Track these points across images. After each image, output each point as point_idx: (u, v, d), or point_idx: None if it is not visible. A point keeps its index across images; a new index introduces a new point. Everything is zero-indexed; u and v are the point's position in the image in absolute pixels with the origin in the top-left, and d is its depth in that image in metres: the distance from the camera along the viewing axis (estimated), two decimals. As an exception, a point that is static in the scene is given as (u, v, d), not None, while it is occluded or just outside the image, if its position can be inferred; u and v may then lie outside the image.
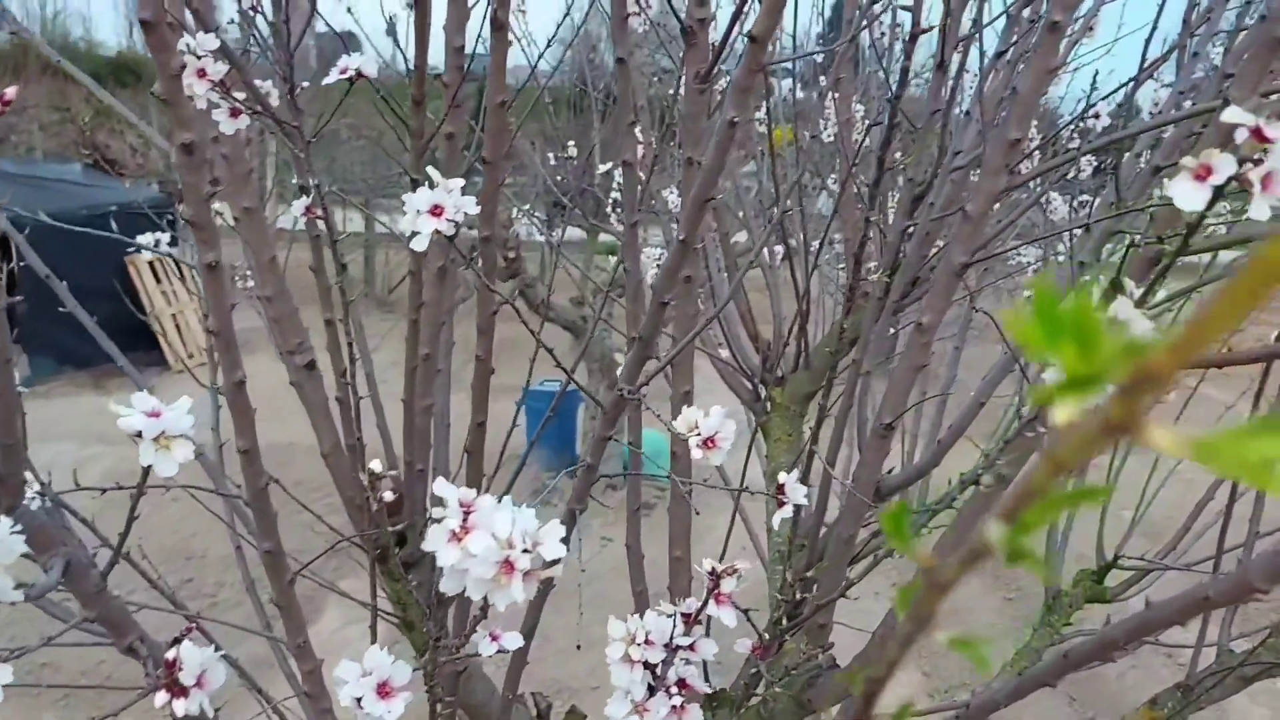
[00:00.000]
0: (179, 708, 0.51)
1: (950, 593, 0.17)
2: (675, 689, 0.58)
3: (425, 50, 0.95)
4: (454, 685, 0.94)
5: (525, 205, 3.68)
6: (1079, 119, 1.40)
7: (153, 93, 0.56)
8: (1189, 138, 1.10)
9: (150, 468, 0.52)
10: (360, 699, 0.51)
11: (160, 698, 0.51)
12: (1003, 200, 1.65)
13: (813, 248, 1.53)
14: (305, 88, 0.95)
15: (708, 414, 0.63)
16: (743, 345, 1.79)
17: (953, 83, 1.30)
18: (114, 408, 0.52)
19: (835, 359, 1.17)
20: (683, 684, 0.59)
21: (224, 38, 0.80)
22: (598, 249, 5.11)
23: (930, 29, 1.06)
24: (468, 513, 0.45)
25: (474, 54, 0.97)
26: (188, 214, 0.60)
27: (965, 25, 1.32)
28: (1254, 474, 0.11)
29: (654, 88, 2.25)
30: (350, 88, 0.79)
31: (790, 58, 1.83)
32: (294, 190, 1.02)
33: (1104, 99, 1.38)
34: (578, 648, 1.79)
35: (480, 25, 0.96)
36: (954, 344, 1.88)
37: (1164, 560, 1.67)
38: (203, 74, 0.68)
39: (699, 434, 0.63)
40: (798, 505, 0.72)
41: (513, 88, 1.06)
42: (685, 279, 1.05)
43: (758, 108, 1.98)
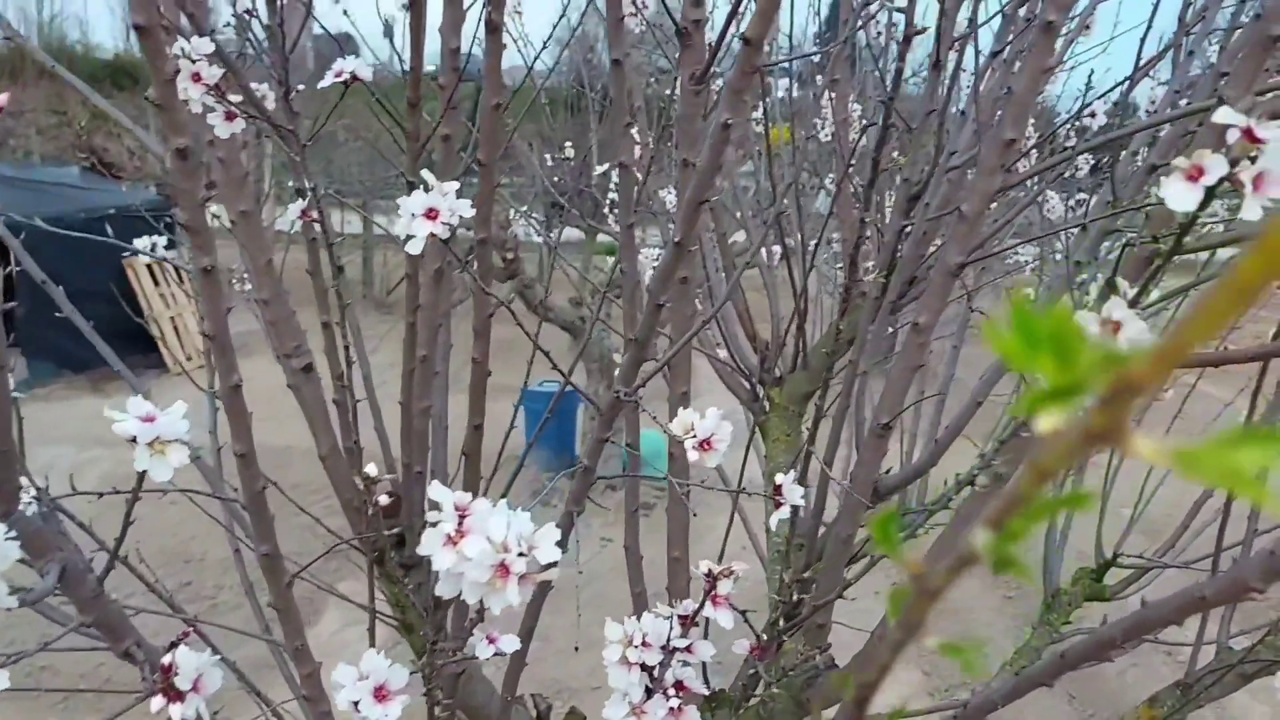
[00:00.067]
0: (175, 712, 0.51)
1: (940, 599, 0.17)
2: (673, 691, 0.58)
3: (421, 52, 0.95)
4: (453, 687, 0.94)
5: (523, 206, 3.68)
6: (1075, 118, 1.40)
7: (147, 97, 0.56)
8: (1184, 136, 1.10)
9: (145, 472, 0.52)
10: (357, 702, 0.52)
11: (156, 702, 0.51)
12: (1000, 199, 1.65)
13: (810, 247, 1.53)
14: (301, 90, 0.95)
15: (703, 416, 0.63)
16: (741, 345, 1.79)
17: (949, 83, 1.30)
18: (109, 413, 0.52)
19: (832, 359, 1.17)
20: (680, 686, 0.59)
21: (219, 41, 0.80)
22: (596, 249, 5.11)
23: (924, 30, 1.06)
24: (463, 516, 0.45)
25: (469, 56, 0.97)
26: (183, 218, 0.60)
27: (961, 25, 1.32)
28: (1235, 482, 0.11)
29: (651, 88, 2.25)
30: (345, 90, 0.79)
31: (785, 59, 1.83)
32: (291, 193, 1.02)
33: (1100, 98, 1.38)
34: (575, 649, 1.79)
35: (476, 27, 0.96)
36: (952, 343, 1.88)
37: (1163, 558, 1.67)
38: (198, 78, 0.68)
39: (695, 436, 0.63)
40: (795, 506, 0.72)
41: (509, 89, 1.06)
42: (682, 280, 1.05)
43: (754, 108, 1.98)
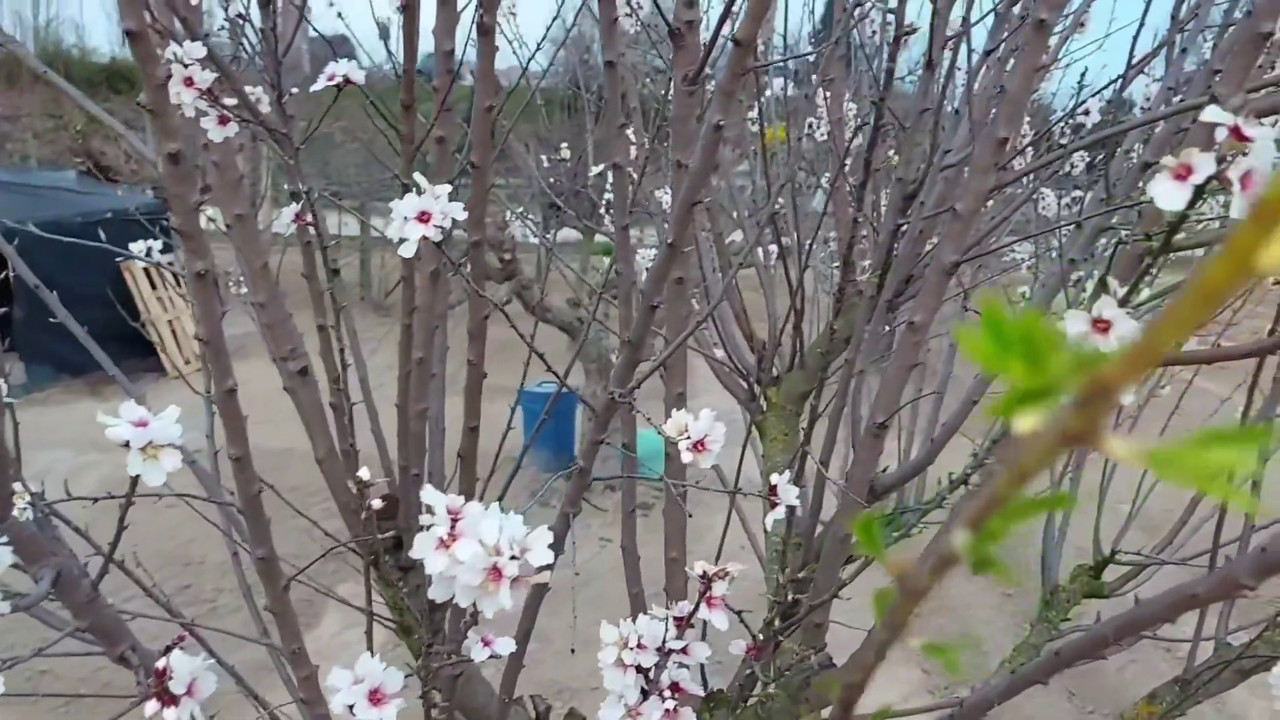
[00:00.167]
0: (170, 716, 0.51)
1: (923, 599, 0.17)
2: (668, 693, 0.58)
3: (414, 55, 0.95)
4: (451, 689, 0.94)
5: (519, 208, 3.68)
6: (1069, 115, 1.40)
7: (139, 103, 0.56)
8: (1178, 133, 1.10)
9: (139, 477, 0.52)
10: (353, 706, 0.52)
11: (151, 706, 0.51)
12: (995, 197, 1.65)
13: (806, 246, 1.53)
14: (295, 94, 0.95)
15: (697, 417, 0.63)
16: (738, 345, 1.79)
17: (943, 81, 1.30)
18: (102, 418, 0.52)
19: (827, 359, 1.17)
20: (676, 687, 0.59)
21: (213, 45, 0.80)
22: (593, 250, 5.11)
23: (915, 29, 1.06)
24: (455, 519, 0.45)
25: (463, 59, 0.97)
26: (176, 223, 0.60)
27: (955, 24, 1.32)
28: (1208, 483, 0.11)
29: (646, 88, 2.25)
30: (338, 94, 0.79)
31: (778, 60, 1.83)
32: (287, 195, 1.02)
33: (1094, 95, 1.38)
34: (572, 651, 1.79)
35: (469, 29, 0.96)
36: (949, 341, 1.89)
37: (1160, 555, 1.67)
38: (190, 82, 0.68)
39: (689, 437, 0.63)
40: (790, 506, 0.72)
41: (504, 90, 1.05)
42: (677, 280, 1.05)
43: (750, 107, 1.98)
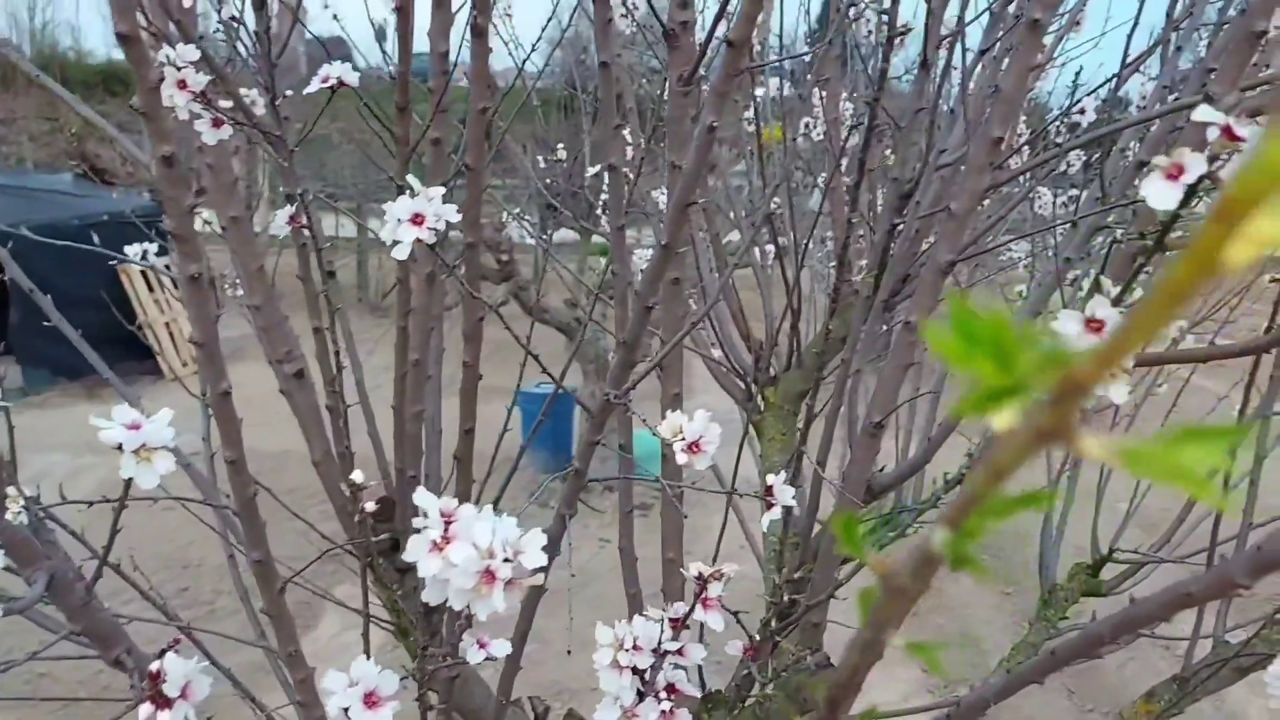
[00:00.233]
0: (164, 719, 0.51)
1: (905, 598, 0.17)
2: (664, 694, 0.58)
3: (409, 57, 0.95)
4: (449, 691, 0.94)
5: (517, 209, 3.67)
6: (1064, 114, 1.40)
7: (132, 106, 0.56)
8: (1173, 132, 1.10)
9: (132, 480, 0.52)
10: (348, 709, 0.51)
11: (145, 709, 0.51)
12: (992, 196, 1.65)
13: (802, 246, 1.53)
14: (289, 96, 0.95)
15: (692, 418, 0.63)
16: (735, 345, 1.79)
17: (938, 81, 1.31)
18: (94, 420, 0.52)
19: (823, 359, 1.17)
20: (672, 688, 0.59)
21: (210, 47, 0.80)
22: (591, 250, 5.11)
23: (908, 30, 1.07)
24: (449, 522, 0.45)
25: (457, 60, 0.97)
26: (169, 226, 0.60)
27: (950, 23, 1.32)
28: (1181, 480, 0.11)
29: (642, 89, 2.25)
30: (331, 95, 0.79)
31: (773, 61, 1.83)
32: (283, 198, 1.02)
33: (1090, 94, 1.38)
34: (568, 652, 1.79)
35: (464, 31, 0.96)
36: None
37: (1158, 553, 1.67)
38: (183, 85, 0.68)
39: (683, 438, 0.63)
40: (787, 506, 0.72)
41: (500, 91, 1.05)
42: (673, 281, 1.05)
43: (746, 107, 1.98)
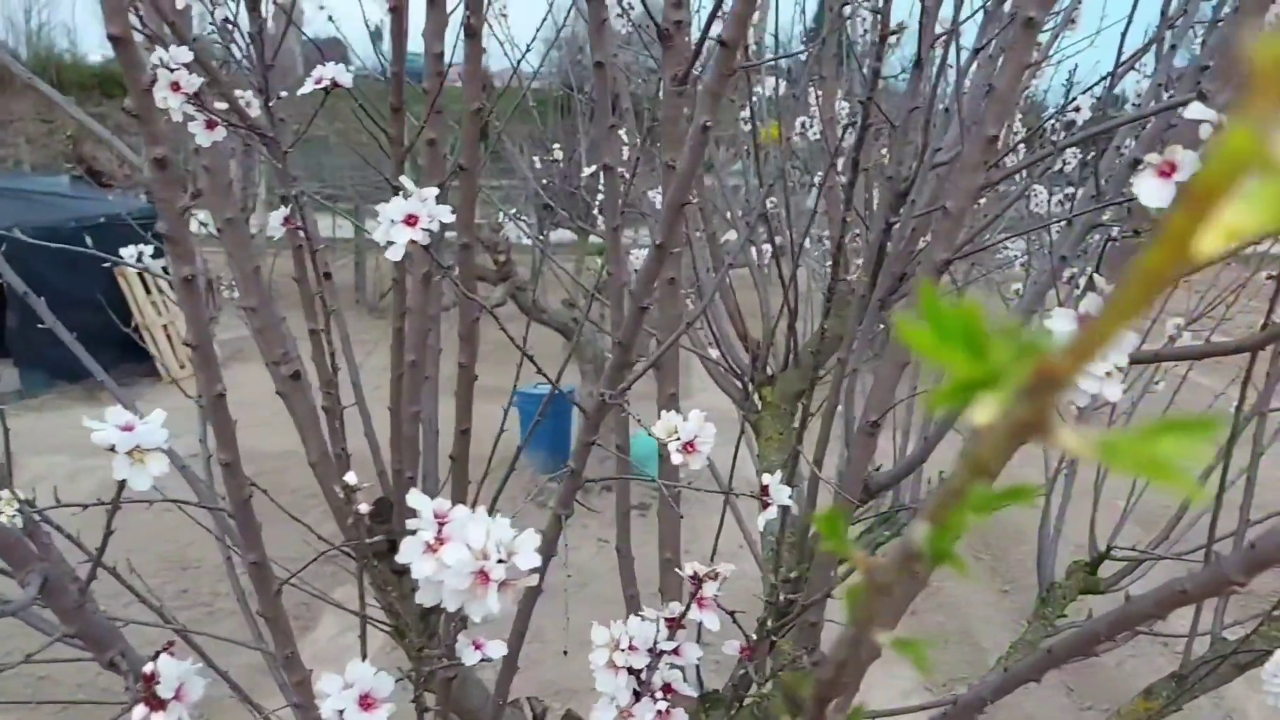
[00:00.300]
0: (158, 721, 0.51)
1: (887, 593, 0.17)
2: (660, 694, 0.58)
3: (403, 57, 0.95)
4: (446, 692, 0.94)
5: (513, 209, 3.67)
6: (1059, 112, 1.41)
7: (125, 108, 0.56)
8: (1168, 130, 1.11)
9: (126, 481, 0.52)
10: (343, 712, 0.51)
11: (139, 711, 0.51)
12: (989, 194, 1.65)
13: (799, 245, 1.53)
14: (284, 97, 0.94)
15: (686, 418, 0.63)
16: (732, 344, 1.79)
17: (934, 79, 1.31)
18: (88, 422, 0.52)
19: (819, 359, 1.17)
20: (668, 688, 0.59)
21: (203, 48, 0.80)
22: (588, 250, 5.11)
23: (901, 29, 1.07)
24: (442, 524, 0.45)
25: (452, 60, 0.97)
26: (163, 228, 0.60)
27: (945, 22, 1.32)
28: (1156, 472, 0.11)
29: (639, 88, 2.25)
30: (326, 96, 0.79)
31: (766, 61, 1.83)
32: (279, 199, 1.02)
33: (1085, 92, 1.38)
34: (564, 652, 1.79)
35: (459, 31, 0.96)
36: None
37: (1157, 550, 1.67)
38: (177, 87, 0.68)
39: (679, 438, 0.63)
40: (783, 506, 0.72)
41: (495, 91, 1.05)
42: (669, 281, 1.05)
43: (742, 106, 1.98)
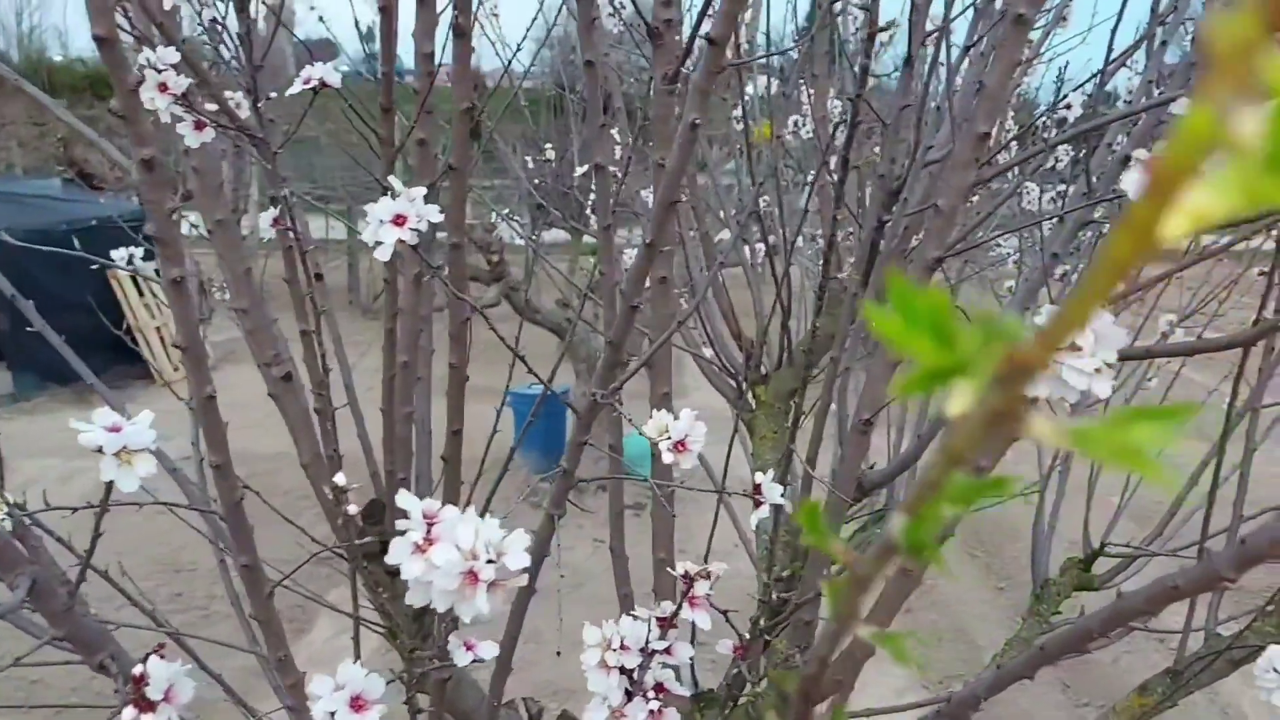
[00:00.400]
0: (148, 724, 0.51)
1: (869, 588, 0.17)
2: (652, 693, 0.58)
3: (393, 57, 0.94)
4: (440, 693, 0.94)
5: (506, 209, 3.67)
6: (1051, 110, 1.41)
7: (111, 109, 0.56)
8: (1159, 125, 1.11)
9: (113, 483, 0.52)
10: (334, 713, 0.51)
11: (128, 713, 0.51)
12: (982, 192, 1.65)
13: (790, 243, 1.53)
14: (273, 97, 0.94)
15: (677, 417, 0.63)
16: (726, 343, 1.79)
17: (926, 77, 1.31)
18: (74, 424, 0.51)
19: (811, 358, 1.17)
20: (660, 688, 0.59)
21: (194, 49, 0.80)
22: (582, 250, 5.11)
23: (892, 26, 1.07)
24: (431, 524, 0.45)
25: (442, 60, 0.97)
26: (151, 230, 0.59)
27: (937, 19, 1.32)
28: (1127, 460, 0.11)
29: (630, 87, 2.25)
30: (314, 97, 0.79)
31: (755, 58, 1.83)
32: (269, 200, 1.02)
33: (1076, 89, 1.38)
34: (558, 653, 1.79)
35: (449, 31, 0.96)
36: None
37: (1150, 546, 1.67)
38: (164, 88, 0.67)
39: (669, 437, 0.63)
40: (775, 505, 0.72)
41: (487, 91, 1.05)
42: (661, 280, 1.05)
43: (735, 105, 1.98)
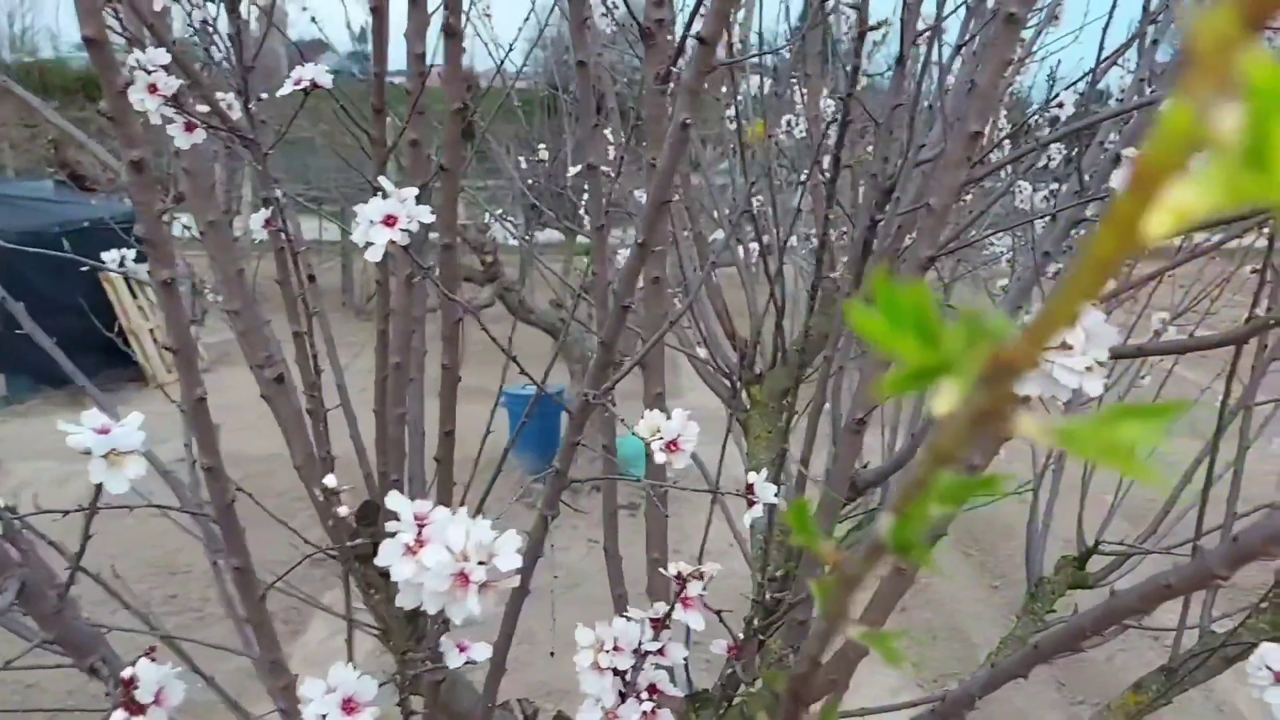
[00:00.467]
0: (138, 727, 0.50)
1: (857, 586, 0.17)
2: (646, 694, 0.58)
3: (384, 58, 0.94)
4: (434, 695, 0.93)
5: (500, 209, 3.67)
6: (1043, 108, 1.41)
7: (100, 110, 0.56)
8: (1151, 124, 1.11)
9: (102, 485, 0.52)
10: (325, 716, 0.51)
11: (118, 716, 0.51)
12: (974, 191, 1.65)
13: (784, 243, 1.53)
14: (264, 99, 0.94)
15: (670, 416, 0.63)
16: (720, 343, 1.79)
17: (918, 76, 1.31)
18: (62, 426, 0.51)
19: (805, 357, 1.17)
20: (653, 689, 0.59)
21: (185, 50, 0.80)
22: (577, 250, 5.11)
23: (885, 24, 1.07)
24: (422, 526, 0.45)
25: (434, 61, 0.97)
26: (141, 231, 0.59)
27: (928, 18, 1.33)
28: (1115, 458, 0.11)
29: (623, 87, 2.25)
30: (305, 97, 0.79)
31: (747, 57, 1.83)
32: (262, 201, 1.02)
33: (1068, 88, 1.39)
34: (551, 654, 1.78)
35: (440, 31, 0.96)
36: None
37: (1144, 544, 1.67)
38: (154, 89, 0.67)
39: (661, 437, 0.62)
40: (769, 504, 0.72)
41: (480, 92, 1.05)
42: (654, 280, 1.04)
43: (728, 105, 1.98)
